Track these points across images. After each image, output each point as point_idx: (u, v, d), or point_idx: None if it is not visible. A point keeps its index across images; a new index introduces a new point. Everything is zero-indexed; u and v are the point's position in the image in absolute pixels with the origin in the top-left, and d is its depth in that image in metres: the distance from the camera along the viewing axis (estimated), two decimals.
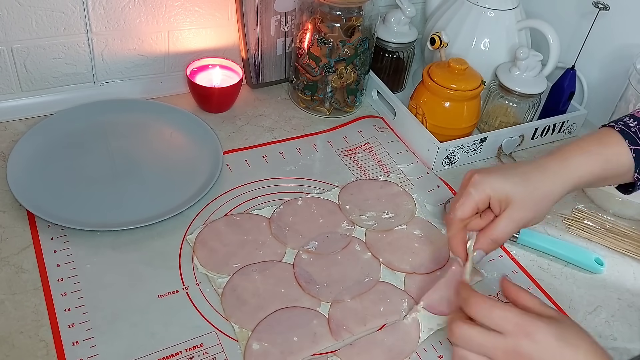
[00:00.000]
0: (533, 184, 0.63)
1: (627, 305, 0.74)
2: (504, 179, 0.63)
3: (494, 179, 0.63)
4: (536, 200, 0.63)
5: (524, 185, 0.63)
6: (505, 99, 0.95)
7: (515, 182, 0.63)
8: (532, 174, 0.63)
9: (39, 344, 0.59)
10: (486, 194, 0.63)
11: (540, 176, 0.63)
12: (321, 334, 0.64)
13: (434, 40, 0.94)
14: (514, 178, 0.63)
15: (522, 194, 0.62)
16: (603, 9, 0.90)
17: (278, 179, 0.83)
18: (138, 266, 0.69)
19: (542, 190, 0.63)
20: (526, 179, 0.63)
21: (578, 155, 0.64)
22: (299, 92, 0.96)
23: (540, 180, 0.63)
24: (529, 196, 0.62)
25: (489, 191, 0.63)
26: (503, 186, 0.63)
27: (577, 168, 0.63)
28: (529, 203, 0.62)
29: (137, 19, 0.88)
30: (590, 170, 0.63)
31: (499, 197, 0.63)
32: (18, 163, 0.76)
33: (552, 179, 0.63)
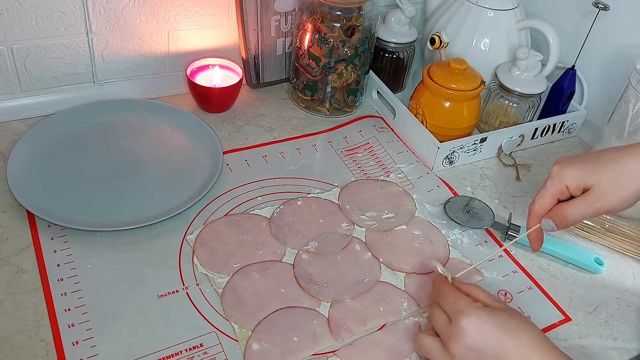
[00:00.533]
0: (618, 168, 0.59)
1: (627, 305, 0.74)
2: (583, 168, 0.61)
3: (573, 169, 0.61)
4: (620, 184, 0.59)
5: (605, 170, 0.60)
6: (505, 99, 0.95)
7: (597, 169, 0.60)
8: (620, 158, 0.60)
9: (39, 344, 0.59)
10: (563, 185, 0.61)
11: (628, 159, 0.59)
12: (321, 334, 0.64)
13: (434, 40, 0.94)
14: (596, 165, 0.60)
15: (605, 180, 0.59)
16: (603, 9, 0.90)
17: (278, 179, 0.83)
18: (138, 266, 0.69)
19: (628, 174, 0.59)
20: (610, 163, 0.60)
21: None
22: (299, 92, 0.96)
23: (627, 164, 0.59)
24: (610, 180, 0.59)
25: (567, 181, 0.61)
26: (582, 175, 0.60)
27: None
28: (611, 187, 0.59)
29: (137, 19, 0.88)
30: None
31: (577, 185, 0.61)
32: (18, 163, 0.76)
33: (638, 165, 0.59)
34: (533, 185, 0.90)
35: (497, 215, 0.81)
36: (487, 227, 0.80)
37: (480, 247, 0.78)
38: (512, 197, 0.87)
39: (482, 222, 0.80)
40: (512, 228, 0.79)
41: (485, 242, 0.79)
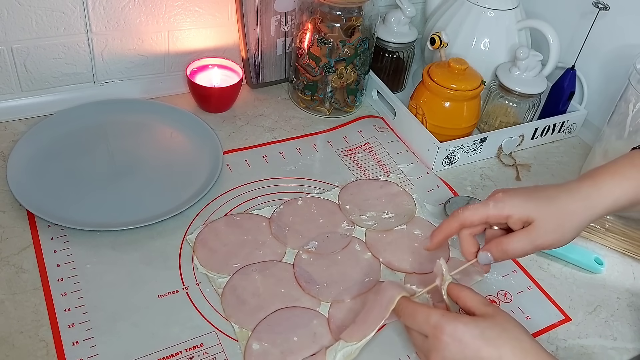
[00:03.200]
0: (559, 206, 0.60)
1: (627, 305, 0.74)
2: (526, 199, 0.61)
3: (517, 199, 0.61)
4: (560, 222, 0.60)
5: (548, 206, 0.60)
6: (505, 99, 0.95)
7: (540, 203, 0.60)
8: (560, 196, 0.60)
9: (39, 344, 0.59)
10: (505, 212, 0.61)
11: (568, 198, 0.60)
12: (321, 334, 0.64)
13: (434, 40, 0.94)
14: (538, 200, 0.60)
15: (545, 215, 0.59)
16: (603, 9, 0.90)
17: (278, 179, 0.83)
18: (138, 266, 0.69)
19: (568, 212, 0.59)
20: (552, 200, 0.60)
21: (610, 178, 0.60)
22: (299, 92, 0.96)
23: (567, 203, 0.60)
24: (552, 217, 0.59)
25: (509, 210, 0.60)
26: (525, 206, 0.60)
27: (610, 192, 0.60)
28: (552, 225, 0.59)
29: (137, 19, 0.88)
30: (625, 194, 0.60)
31: (519, 217, 0.60)
32: (18, 163, 0.76)
33: (582, 202, 0.60)
34: (533, 185, 0.89)
35: None
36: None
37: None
38: None
39: None
40: None
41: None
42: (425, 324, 0.55)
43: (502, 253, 0.61)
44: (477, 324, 0.54)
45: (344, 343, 0.61)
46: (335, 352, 0.61)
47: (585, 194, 0.60)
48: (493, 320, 0.54)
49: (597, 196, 0.60)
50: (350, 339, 0.61)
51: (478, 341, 0.53)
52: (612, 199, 0.60)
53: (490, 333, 0.53)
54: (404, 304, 0.58)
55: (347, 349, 0.61)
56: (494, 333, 0.53)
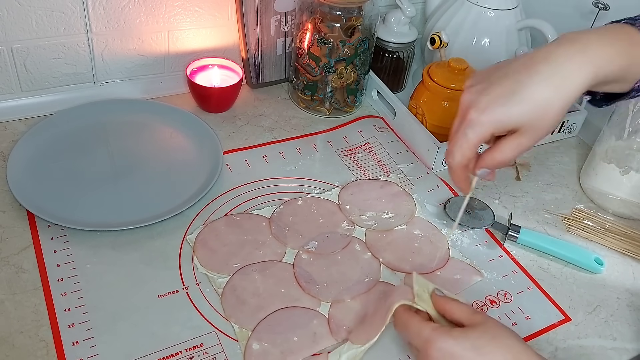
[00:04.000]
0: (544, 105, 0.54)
1: (627, 305, 0.74)
2: (506, 109, 0.55)
3: (495, 113, 0.55)
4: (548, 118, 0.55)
5: (532, 110, 0.54)
6: None
7: (521, 108, 0.55)
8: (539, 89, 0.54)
9: (39, 344, 0.59)
10: (488, 132, 0.56)
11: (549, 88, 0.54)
12: (321, 334, 0.64)
13: (434, 40, 0.94)
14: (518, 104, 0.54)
15: (532, 120, 0.55)
16: (603, 9, 0.90)
17: (278, 179, 0.83)
18: (138, 266, 0.69)
19: (554, 105, 0.54)
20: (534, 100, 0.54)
21: (601, 47, 0.55)
22: (299, 92, 0.96)
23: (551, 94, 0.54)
24: (539, 118, 0.55)
25: (491, 129, 0.56)
26: (507, 119, 0.55)
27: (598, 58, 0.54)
28: (540, 125, 0.55)
29: (137, 19, 0.88)
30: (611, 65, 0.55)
31: (503, 130, 0.56)
32: (18, 163, 0.76)
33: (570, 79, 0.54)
34: (533, 185, 0.90)
35: (497, 215, 0.81)
36: (487, 227, 0.80)
37: (480, 247, 0.78)
38: (512, 197, 0.87)
39: (482, 222, 0.80)
40: (512, 228, 0.79)
41: (485, 242, 0.79)
42: (417, 338, 0.55)
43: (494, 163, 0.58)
44: (467, 336, 0.53)
45: (350, 345, 0.61)
46: (339, 355, 0.61)
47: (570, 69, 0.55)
48: (482, 328, 0.54)
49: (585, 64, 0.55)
50: (357, 342, 0.61)
51: (469, 353, 0.52)
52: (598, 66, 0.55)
53: (481, 342, 0.53)
54: (400, 314, 0.58)
55: (352, 351, 0.61)
56: (484, 341, 0.53)
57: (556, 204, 0.87)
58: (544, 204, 0.86)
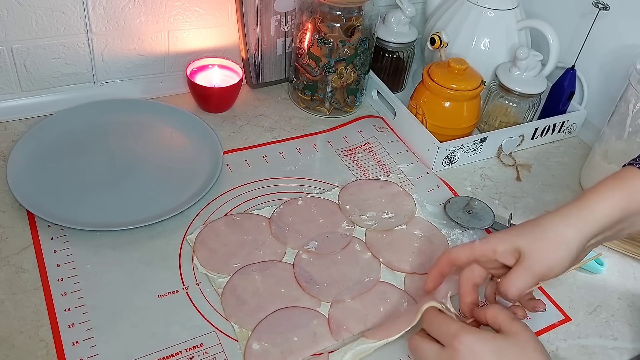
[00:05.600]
0: (545, 230, 0.58)
1: (627, 305, 0.74)
2: (511, 231, 0.60)
3: (502, 233, 0.61)
4: (550, 246, 0.58)
5: (534, 233, 0.59)
6: (505, 99, 0.95)
7: (525, 231, 0.59)
8: (547, 221, 0.59)
9: (39, 344, 0.59)
10: (490, 245, 0.60)
11: (555, 221, 0.58)
12: (321, 334, 0.64)
13: (434, 40, 0.94)
14: (523, 229, 0.60)
15: (532, 242, 0.58)
16: (603, 9, 0.90)
17: (278, 179, 0.83)
18: (138, 266, 0.69)
19: (557, 235, 0.58)
20: (538, 227, 0.59)
21: (596, 195, 0.59)
22: (299, 92, 0.96)
23: (554, 226, 0.58)
24: (540, 243, 0.58)
25: (494, 243, 0.60)
26: (510, 237, 0.59)
27: (598, 207, 0.58)
28: (542, 250, 0.58)
29: (137, 19, 0.88)
30: (613, 207, 0.58)
31: (504, 248, 0.59)
32: (18, 163, 0.76)
33: (569, 222, 0.58)
34: (533, 185, 0.90)
35: (497, 215, 0.81)
36: (487, 227, 0.80)
37: None
38: (512, 197, 0.87)
39: (482, 222, 0.80)
40: None
41: None
42: (445, 332, 0.55)
43: (505, 294, 0.59)
44: (495, 340, 0.53)
45: (364, 340, 0.62)
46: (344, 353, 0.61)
47: (574, 213, 0.59)
48: (514, 339, 0.53)
49: (587, 213, 0.58)
50: (373, 337, 0.61)
51: (491, 356, 0.52)
52: (603, 214, 0.58)
53: (506, 351, 0.53)
54: (431, 312, 0.58)
55: (363, 346, 0.61)
56: (510, 352, 0.53)
57: (556, 204, 0.87)
58: (544, 204, 0.86)
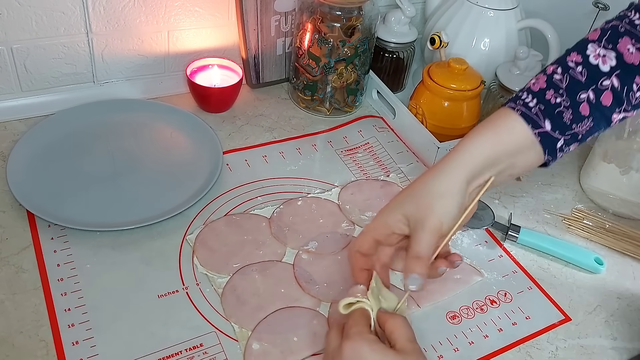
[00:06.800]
0: (422, 191, 0.58)
1: (627, 304, 0.74)
2: (395, 201, 0.60)
3: (387, 207, 0.60)
4: (430, 205, 0.57)
5: (413, 196, 0.58)
6: (505, 99, 0.95)
7: (406, 197, 0.59)
8: (422, 181, 0.59)
9: (39, 344, 0.59)
10: (380, 222, 0.60)
11: (429, 179, 0.58)
12: (321, 334, 0.64)
13: (434, 40, 0.94)
14: (404, 195, 0.59)
15: (415, 207, 0.58)
16: (603, 9, 0.90)
17: (278, 179, 0.83)
18: (138, 266, 0.69)
19: (433, 191, 0.58)
20: (416, 189, 0.59)
21: (467, 137, 0.59)
22: (299, 92, 0.96)
23: (429, 185, 0.58)
24: (421, 205, 0.57)
25: (384, 219, 0.60)
26: (395, 208, 0.59)
27: (467, 149, 0.58)
28: (424, 212, 0.57)
29: (137, 19, 0.88)
30: (483, 145, 0.58)
31: (395, 219, 0.59)
32: (18, 163, 0.76)
33: (441, 175, 0.58)
34: (533, 185, 0.90)
35: (497, 215, 0.81)
36: (487, 227, 0.80)
37: (480, 247, 0.78)
38: (512, 197, 0.87)
39: (482, 222, 0.80)
40: (512, 228, 0.79)
41: (486, 242, 0.79)
42: (346, 331, 0.54)
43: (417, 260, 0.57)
44: (384, 354, 0.51)
45: None
46: None
47: (444, 164, 0.59)
48: (403, 357, 0.52)
49: (455, 160, 0.58)
50: None
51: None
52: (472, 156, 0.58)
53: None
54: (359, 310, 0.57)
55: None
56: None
57: (556, 204, 0.87)
58: (544, 204, 0.86)
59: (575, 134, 0.60)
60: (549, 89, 0.60)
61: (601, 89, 0.59)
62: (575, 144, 0.61)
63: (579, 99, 0.59)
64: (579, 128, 0.60)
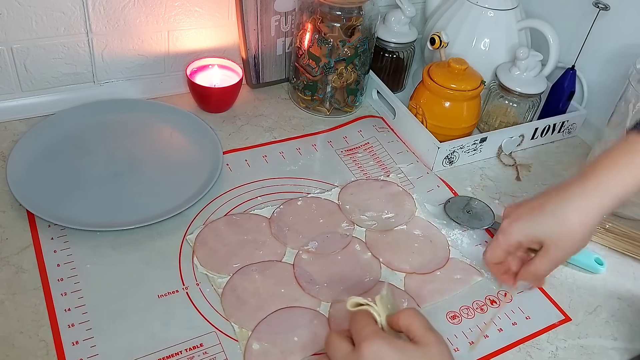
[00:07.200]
0: (564, 219, 0.60)
1: (627, 305, 0.74)
2: (531, 222, 0.62)
3: (522, 224, 0.63)
4: (569, 234, 0.60)
5: (553, 224, 0.61)
6: (505, 99, 0.95)
7: (544, 222, 0.61)
8: (563, 207, 0.60)
9: (39, 344, 0.59)
10: (515, 240, 0.64)
11: (570, 208, 0.60)
12: (321, 334, 0.64)
13: (434, 40, 0.94)
14: (542, 218, 0.62)
15: (553, 234, 0.61)
16: (603, 9, 0.90)
17: (278, 179, 0.83)
18: (138, 266, 0.69)
19: (574, 223, 0.60)
20: (556, 215, 0.60)
21: (607, 171, 0.59)
22: (299, 92, 0.96)
23: (571, 213, 0.60)
24: (561, 233, 0.61)
25: (518, 237, 0.64)
26: (531, 231, 0.63)
27: (613, 186, 0.59)
28: (563, 240, 0.61)
29: (137, 19, 0.88)
30: (625, 184, 0.59)
31: (530, 241, 0.64)
32: (18, 163, 0.76)
33: (585, 206, 0.59)
34: (533, 185, 0.90)
35: (497, 215, 0.81)
36: (487, 227, 0.80)
37: (480, 247, 0.78)
38: (512, 197, 0.87)
39: (482, 222, 0.80)
40: None
41: (486, 242, 0.79)
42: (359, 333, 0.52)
43: (532, 277, 0.66)
44: (404, 350, 0.51)
45: None
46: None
47: (585, 196, 0.60)
48: (424, 351, 0.51)
49: (603, 193, 0.59)
50: None
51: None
52: (620, 192, 0.59)
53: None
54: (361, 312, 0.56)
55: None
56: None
57: None
58: None
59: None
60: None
61: None
62: None
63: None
64: None
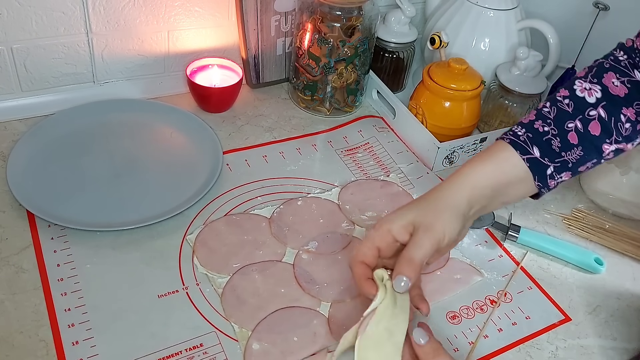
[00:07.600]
0: (430, 202, 0.61)
1: (627, 305, 0.74)
2: (401, 210, 0.62)
3: (392, 215, 0.62)
4: (438, 213, 0.60)
5: (422, 205, 0.61)
6: (505, 99, 0.95)
7: (412, 207, 0.62)
8: (429, 195, 0.63)
9: (39, 344, 0.59)
10: (384, 230, 0.60)
11: (436, 193, 0.62)
12: (321, 334, 0.64)
13: (434, 40, 0.94)
14: (411, 205, 0.62)
15: (422, 214, 0.60)
16: (603, 9, 0.90)
17: (278, 179, 0.83)
18: (138, 266, 0.69)
19: (440, 203, 0.61)
20: (423, 200, 0.62)
21: (470, 164, 0.63)
22: (299, 92, 0.96)
23: (436, 197, 0.62)
24: (429, 213, 0.60)
25: (387, 226, 0.60)
26: (401, 216, 0.61)
27: (471, 175, 0.62)
28: (431, 219, 0.59)
29: (137, 19, 0.88)
30: (484, 175, 0.62)
31: (399, 225, 0.60)
32: (18, 163, 0.76)
33: (448, 190, 0.62)
34: None
35: (497, 215, 0.81)
36: (487, 227, 0.80)
37: (480, 247, 0.78)
38: None
39: (482, 222, 0.80)
40: (512, 228, 0.79)
41: (485, 242, 0.79)
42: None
43: (410, 264, 0.57)
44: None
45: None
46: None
47: (449, 182, 0.63)
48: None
49: (459, 181, 0.62)
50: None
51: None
52: (475, 180, 0.62)
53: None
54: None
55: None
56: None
57: (556, 204, 0.87)
58: (544, 204, 0.86)
59: (565, 162, 0.64)
60: (538, 120, 0.65)
61: (588, 119, 0.63)
62: (567, 173, 0.65)
63: (567, 127, 0.64)
64: (569, 156, 0.64)
